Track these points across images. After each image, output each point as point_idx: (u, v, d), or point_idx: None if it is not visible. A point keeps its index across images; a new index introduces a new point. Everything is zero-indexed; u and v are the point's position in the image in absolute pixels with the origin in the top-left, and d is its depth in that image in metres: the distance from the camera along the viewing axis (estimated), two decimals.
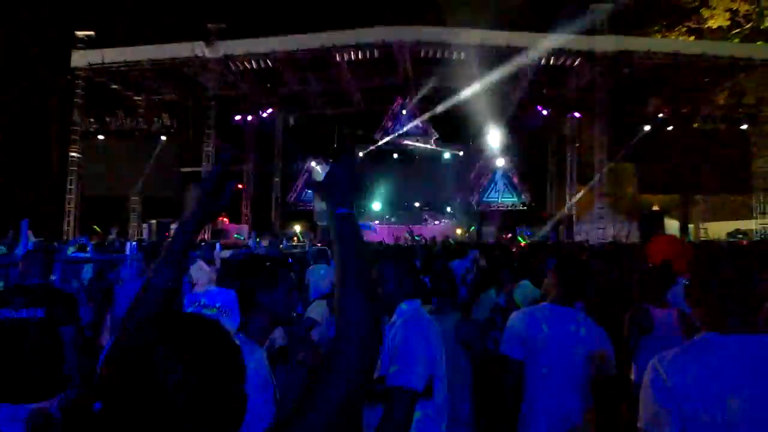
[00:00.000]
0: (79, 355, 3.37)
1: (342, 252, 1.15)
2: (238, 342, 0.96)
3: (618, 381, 2.78)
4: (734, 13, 21.66)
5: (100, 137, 19.60)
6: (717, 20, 21.89)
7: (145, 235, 19.33)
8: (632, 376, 3.62)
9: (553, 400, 2.56)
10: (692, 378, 1.45)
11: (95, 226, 16.96)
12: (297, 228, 22.94)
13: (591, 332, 2.66)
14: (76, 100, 19.20)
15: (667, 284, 3.88)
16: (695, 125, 18.46)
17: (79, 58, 18.77)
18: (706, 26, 22.16)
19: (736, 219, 20.00)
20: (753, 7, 20.14)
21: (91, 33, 19.02)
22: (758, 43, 18.74)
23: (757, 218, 18.52)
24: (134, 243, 13.13)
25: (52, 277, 5.53)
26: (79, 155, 19.36)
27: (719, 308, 1.56)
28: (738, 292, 1.56)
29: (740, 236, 17.91)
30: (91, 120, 19.44)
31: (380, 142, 22.80)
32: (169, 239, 1.56)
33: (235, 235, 19.21)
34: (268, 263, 2.42)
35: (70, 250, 9.32)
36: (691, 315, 1.75)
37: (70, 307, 3.42)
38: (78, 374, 3.32)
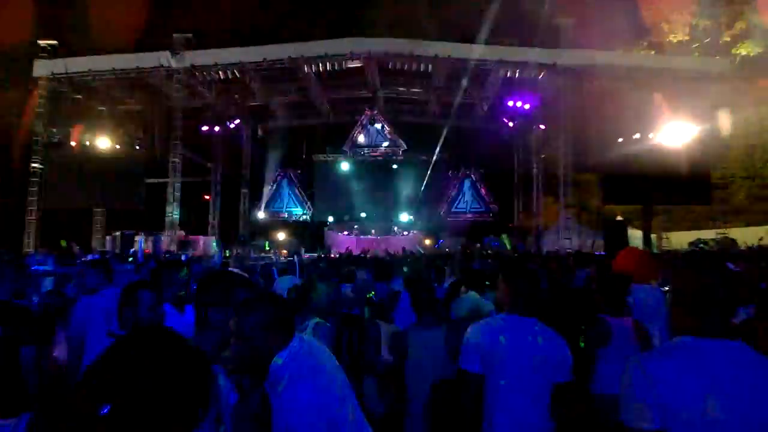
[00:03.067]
0: (41, 375, 3.22)
1: None
2: None
3: (574, 387, 2.72)
4: (694, 27, 22.28)
5: (63, 148, 19.18)
6: (677, 35, 22.50)
7: (108, 247, 19.00)
8: (592, 385, 3.63)
9: (513, 412, 2.52)
10: (672, 375, 1.49)
11: (63, 242, 16.56)
12: (281, 235, 22.95)
13: (548, 341, 2.63)
14: (38, 110, 18.77)
15: (624, 293, 3.94)
16: (656, 137, 18.82)
17: (42, 68, 18.43)
18: (666, 40, 22.75)
19: (697, 229, 20.45)
20: (712, 22, 20.72)
21: (54, 42, 18.71)
22: (717, 57, 19.24)
23: (716, 228, 18.95)
24: (96, 255, 12.87)
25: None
26: (41, 166, 18.92)
27: (699, 313, 1.60)
28: (719, 298, 1.60)
29: (701, 245, 18.34)
30: (54, 130, 19.05)
31: (349, 153, 22.85)
32: None
33: (213, 243, 18.97)
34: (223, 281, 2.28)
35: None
36: (671, 320, 1.77)
37: (31, 326, 3.23)
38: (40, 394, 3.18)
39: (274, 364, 1.88)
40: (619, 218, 19.28)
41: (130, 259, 16.18)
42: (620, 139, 18.73)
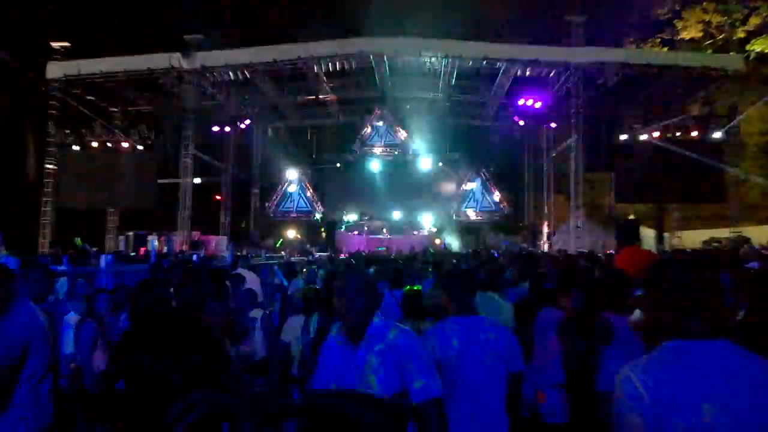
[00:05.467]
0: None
1: None
2: None
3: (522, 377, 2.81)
4: (707, 24, 22.03)
5: (76, 148, 19.40)
6: (690, 32, 22.24)
7: (121, 247, 19.19)
8: (596, 383, 3.63)
9: (474, 410, 2.59)
10: (666, 386, 1.46)
11: (78, 240, 16.71)
12: (291, 234, 23.05)
13: (498, 336, 2.71)
14: (51, 111, 18.95)
15: (626, 291, 3.94)
16: (669, 135, 18.66)
17: (55, 70, 18.60)
18: (679, 38, 22.52)
19: (710, 227, 20.23)
20: (725, 18, 20.47)
21: (67, 44, 18.87)
22: (730, 53, 19.00)
23: (730, 226, 18.72)
24: (110, 255, 12.97)
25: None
26: (54, 167, 19.13)
27: (681, 315, 1.56)
28: (698, 297, 1.57)
29: (715, 244, 18.11)
30: (67, 132, 19.26)
31: (358, 153, 22.88)
32: None
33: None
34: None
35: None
36: (648, 322, 1.75)
37: None
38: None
39: (373, 323, 2.22)
40: (631, 217, 19.16)
41: (132, 254, 16.39)
42: (632, 138, 18.59)
